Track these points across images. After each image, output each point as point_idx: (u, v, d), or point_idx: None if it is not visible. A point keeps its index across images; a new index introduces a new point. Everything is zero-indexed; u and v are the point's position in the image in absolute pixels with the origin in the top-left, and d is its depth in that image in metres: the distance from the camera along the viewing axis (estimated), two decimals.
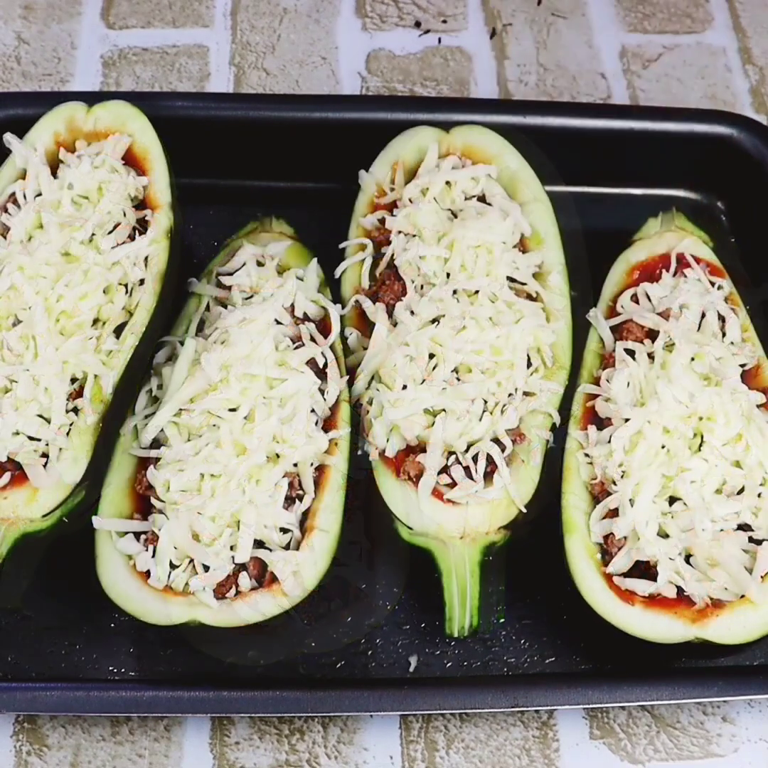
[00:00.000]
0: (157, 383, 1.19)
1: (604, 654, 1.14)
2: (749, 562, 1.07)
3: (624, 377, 1.17)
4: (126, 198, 1.28)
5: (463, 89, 1.60)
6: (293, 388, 1.15)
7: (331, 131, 1.42)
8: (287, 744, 1.10)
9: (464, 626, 1.08)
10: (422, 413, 1.16)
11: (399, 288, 1.24)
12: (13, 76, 1.59)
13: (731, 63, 1.64)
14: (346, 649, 1.14)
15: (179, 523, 1.07)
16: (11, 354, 1.15)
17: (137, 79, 1.59)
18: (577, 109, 1.48)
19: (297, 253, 1.29)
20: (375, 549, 1.19)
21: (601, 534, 1.11)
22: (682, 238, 1.31)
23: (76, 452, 1.14)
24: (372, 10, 1.68)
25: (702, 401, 1.13)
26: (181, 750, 1.10)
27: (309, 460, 1.13)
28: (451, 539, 1.11)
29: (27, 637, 1.14)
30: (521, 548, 1.16)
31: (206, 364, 1.14)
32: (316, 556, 1.09)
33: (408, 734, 1.11)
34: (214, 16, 1.66)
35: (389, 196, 1.32)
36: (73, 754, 1.09)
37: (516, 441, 1.16)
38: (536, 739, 1.11)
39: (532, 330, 1.21)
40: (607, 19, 1.69)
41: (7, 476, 1.12)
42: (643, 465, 1.11)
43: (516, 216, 1.28)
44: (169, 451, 1.12)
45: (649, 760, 1.10)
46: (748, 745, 1.11)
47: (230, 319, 1.19)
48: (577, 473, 1.15)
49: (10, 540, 1.09)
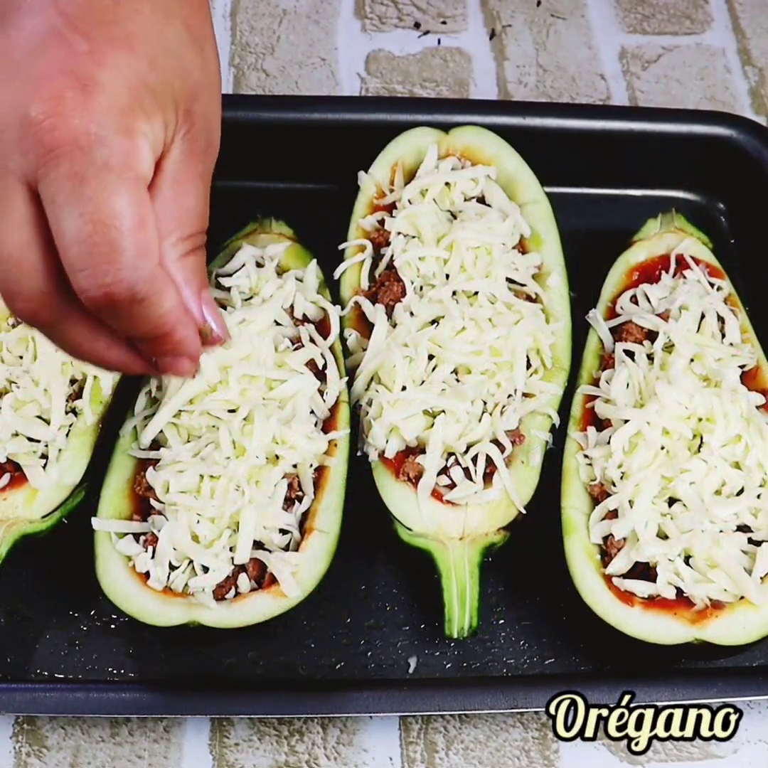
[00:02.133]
0: (157, 384, 1.19)
1: (603, 655, 1.14)
2: (749, 563, 1.08)
3: (623, 378, 1.17)
4: None
5: (462, 90, 1.60)
6: (293, 389, 1.15)
7: (330, 132, 1.42)
8: (287, 745, 1.10)
9: (464, 627, 1.08)
10: (422, 414, 1.16)
11: (398, 289, 1.24)
12: None
13: (731, 64, 1.64)
14: (346, 650, 1.14)
15: (179, 525, 1.07)
16: (10, 355, 1.16)
17: None
18: (576, 110, 1.48)
19: (296, 255, 1.30)
20: (374, 550, 1.20)
21: (601, 535, 1.11)
22: (682, 240, 1.31)
23: (75, 453, 1.14)
24: (371, 12, 1.68)
25: (701, 402, 1.13)
26: (180, 751, 1.10)
27: (308, 462, 1.13)
28: (450, 540, 1.11)
29: (27, 637, 1.14)
30: (521, 549, 1.16)
31: (206, 365, 1.14)
32: (316, 557, 1.09)
33: (407, 735, 1.11)
34: (213, 17, 1.65)
35: (389, 197, 1.32)
36: (72, 755, 1.09)
37: (515, 442, 1.16)
38: (536, 740, 1.11)
39: (532, 331, 1.21)
40: (607, 20, 1.69)
41: (7, 477, 1.12)
42: (643, 466, 1.11)
43: (515, 217, 1.28)
44: (169, 452, 1.12)
45: (649, 761, 1.10)
46: (748, 746, 1.11)
47: (229, 320, 1.19)
48: (577, 474, 1.15)
49: (9, 541, 1.09)
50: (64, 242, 0.76)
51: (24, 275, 0.78)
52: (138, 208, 0.78)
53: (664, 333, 1.20)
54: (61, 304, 0.80)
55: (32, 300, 0.79)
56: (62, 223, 0.76)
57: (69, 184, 0.76)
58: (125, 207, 0.77)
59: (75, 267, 0.77)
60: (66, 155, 0.75)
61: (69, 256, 0.77)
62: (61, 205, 0.76)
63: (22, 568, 1.16)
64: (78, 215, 0.76)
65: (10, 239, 0.78)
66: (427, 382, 1.17)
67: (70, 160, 0.76)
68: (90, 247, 0.76)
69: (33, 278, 0.79)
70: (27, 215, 0.78)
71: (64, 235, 0.76)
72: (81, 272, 0.77)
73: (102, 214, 0.76)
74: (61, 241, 0.77)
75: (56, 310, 0.81)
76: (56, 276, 0.79)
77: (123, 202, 0.77)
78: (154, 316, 0.80)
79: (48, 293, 0.79)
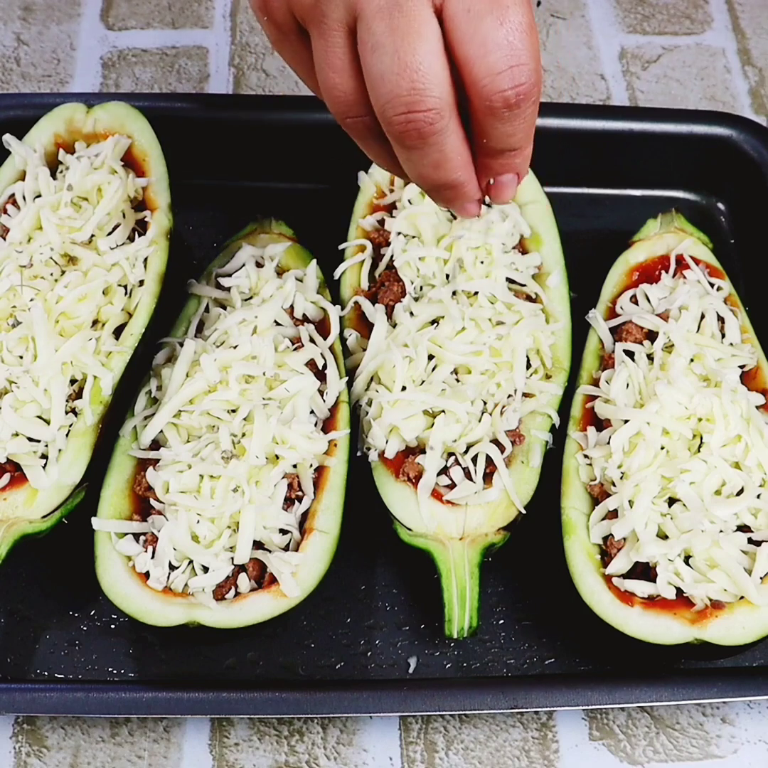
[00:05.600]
0: (157, 384, 1.19)
1: (603, 655, 1.14)
2: (749, 563, 1.07)
3: (623, 378, 1.17)
4: (125, 199, 1.28)
5: None
6: (293, 389, 1.15)
7: (330, 132, 1.41)
8: (287, 745, 1.10)
9: (463, 627, 1.08)
10: (422, 414, 1.16)
11: (398, 289, 1.24)
12: (13, 78, 1.59)
13: (731, 64, 1.64)
14: (346, 650, 1.14)
15: (178, 525, 1.07)
16: (11, 355, 1.16)
17: (137, 80, 1.59)
18: (576, 110, 1.48)
19: (296, 255, 1.30)
20: (374, 550, 1.20)
21: (601, 535, 1.11)
22: (682, 240, 1.31)
23: (75, 453, 1.14)
24: None
25: (701, 402, 1.13)
26: (180, 751, 1.10)
27: (308, 462, 1.13)
28: (450, 540, 1.11)
29: (27, 638, 1.14)
30: (521, 549, 1.16)
31: (205, 366, 1.14)
32: (316, 558, 1.09)
33: (407, 735, 1.11)
34: (213, 17, 1.66)
35: (389, 197, 1.32)
36: (72, 756, 1.09)
37: (515, 442, 1.16)
38: (536, 740, 1.11)
39: (532, 331, 1.21)
40: (607, 20, 1.69)
41: (7, 477, 1.12)
42: (643, 466, 1.11)
43: (515, 217, 1.28)
44: (169, 452, 1.12)
45: (649, 762, 1.10)
46: (748, 746, 1.11)
47: (230, 321, 1.19)
48: (577, 474, 1.15)
49: (9, 541, 1.09)
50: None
51: (438, 84, 0.83)
52: None
53: (664, 333, 1.20)
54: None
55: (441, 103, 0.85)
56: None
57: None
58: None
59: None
60: None
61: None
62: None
63: (22, 568, 1.16)
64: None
65: (436, 63, 0.82)
66: (427, 382, 1.17)
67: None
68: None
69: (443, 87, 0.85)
70: (438, 33, 0.83)
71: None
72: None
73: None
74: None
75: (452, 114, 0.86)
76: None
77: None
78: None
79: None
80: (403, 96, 0.82)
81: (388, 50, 0.81)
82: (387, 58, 0.81)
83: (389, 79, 0.81)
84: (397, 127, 0.84)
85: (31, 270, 1.20)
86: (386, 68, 0.81)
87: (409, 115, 0.82)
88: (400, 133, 0.84)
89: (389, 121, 0.83)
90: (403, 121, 0.83)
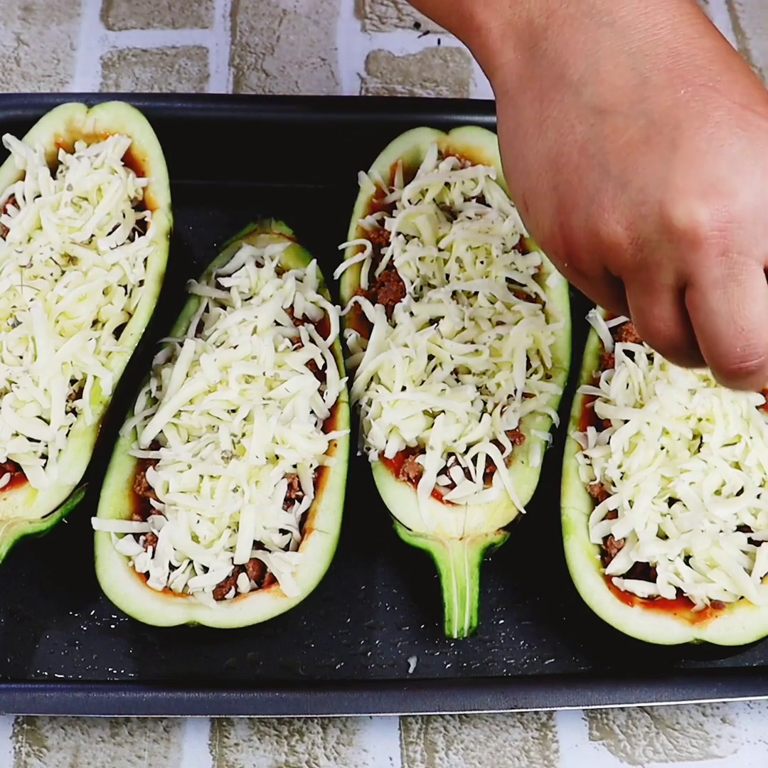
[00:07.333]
0: (157, 384, 1.19)
1: (603, 655, 1.14)
2: (749, 563, 1.08)
3: (623, 378, 1.17)
4: (125, 199, 1.28)
5: (462, 90, 1.60)
6: (293, 389, 1.15)
7: (330, 132, 1.42)
8: (287, 745, 1.10)
9: (463, 627, 1.08)
10: (421, 414, 1.16)
11: (398, 289, 1.24)
12: (13, 78, 1.59)
13: None
14: (346, 650, 1.14)
15: (178, 525, 1.07)
16: (10, 355, 1.16)
17: (137, 80, 1.59)
18: None
19: (296, 255, 1.30)
20: (374, 550, 1.20)
21: (601, 535, 1.11)
22: None
23: (75, 453, 1.14)
24: (371, 12, 1.68)
25: (701, 402, 1.13)
26: (180, 751, 1.10)
27: (308, 462, 1.14)
28: (450, 540, 1.11)
29: (26, 637, 1.14)
30: (521, 549, 1.16)
31: (205, 366, 1.14)
32: (316, 558, 1.09)
33: (407, 735, 1.11)
34: (213, 17, 1.66)
35: (388, 197, 1.32)
36: (72, 756, 1.09)
37: (515, 442, 1.16)
38: (536, 740, 1.11)
39: (532, 331, 1.21)
40: None
41: (7, 477, 1.12)
42: (643, 466, 1.11)
43: (515, 217, 1.28)
44: (169, 452, 1.12)
45: (649, 761, 1.10)
46: (748, 747, 1.11)
47: (229, 321, 1.19)
48: (577, 474, 1.15)
49: (9, 541, 1.09)
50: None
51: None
52: None
53: None
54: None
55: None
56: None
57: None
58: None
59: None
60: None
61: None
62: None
63: (22, 568, 1.16)
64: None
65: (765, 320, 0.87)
66: (426, 382, 1.17)
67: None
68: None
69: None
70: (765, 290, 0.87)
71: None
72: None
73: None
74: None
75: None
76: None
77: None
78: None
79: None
80: (737, 354, 0.87)
81: (723, 317, 0.85)
82: (722, 323, 0.85)
83: (725, 342, 0.86)
84: (728, 374, 0.89)
85: (31, 270, 1.20)
86: (722, 332, 0.86)
87: (741, 364, 0.88)
88: (730, 372, 0.89)
89: (720, 370, 0.89)
90: (735, 369, 0.88)
